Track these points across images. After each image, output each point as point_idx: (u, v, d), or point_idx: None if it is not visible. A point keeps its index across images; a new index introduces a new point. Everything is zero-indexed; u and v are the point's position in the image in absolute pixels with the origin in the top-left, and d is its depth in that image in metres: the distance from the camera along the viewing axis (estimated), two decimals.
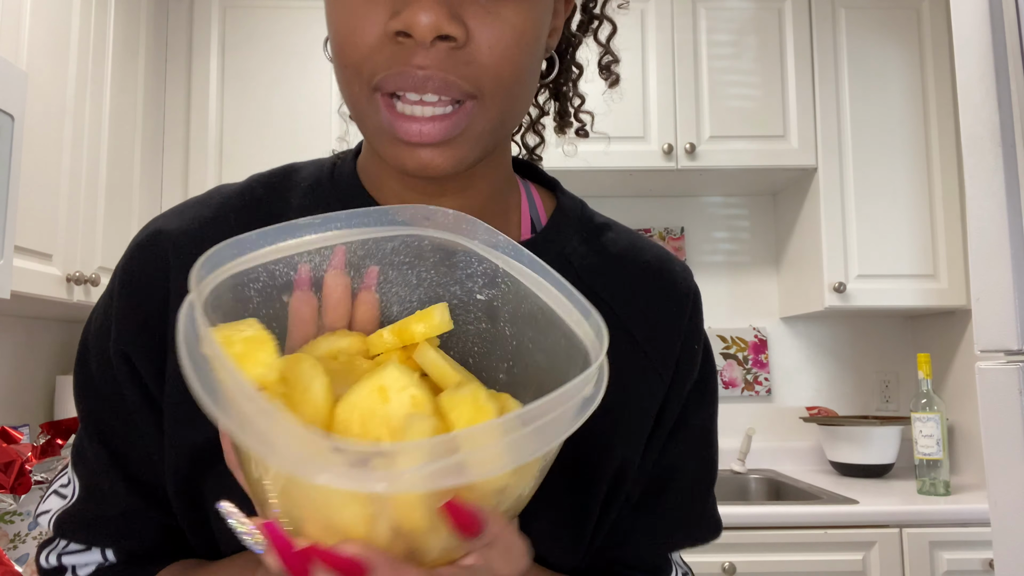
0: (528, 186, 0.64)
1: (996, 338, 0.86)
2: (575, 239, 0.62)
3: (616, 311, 0.58)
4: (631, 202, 2.52)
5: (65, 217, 1.55)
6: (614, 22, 0.66)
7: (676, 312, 0.61)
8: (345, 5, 0.47)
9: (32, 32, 1.44)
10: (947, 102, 2.19)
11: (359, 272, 0.44)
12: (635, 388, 0.58)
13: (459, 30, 0.45)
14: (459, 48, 0.45)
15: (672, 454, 0.61)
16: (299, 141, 2.12)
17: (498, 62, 0.47)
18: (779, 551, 1.73)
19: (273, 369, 0.35)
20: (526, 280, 0.43)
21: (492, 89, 0.47)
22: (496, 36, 0.46)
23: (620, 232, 0.66)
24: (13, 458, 1.14)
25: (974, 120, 0.89)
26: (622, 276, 0.61)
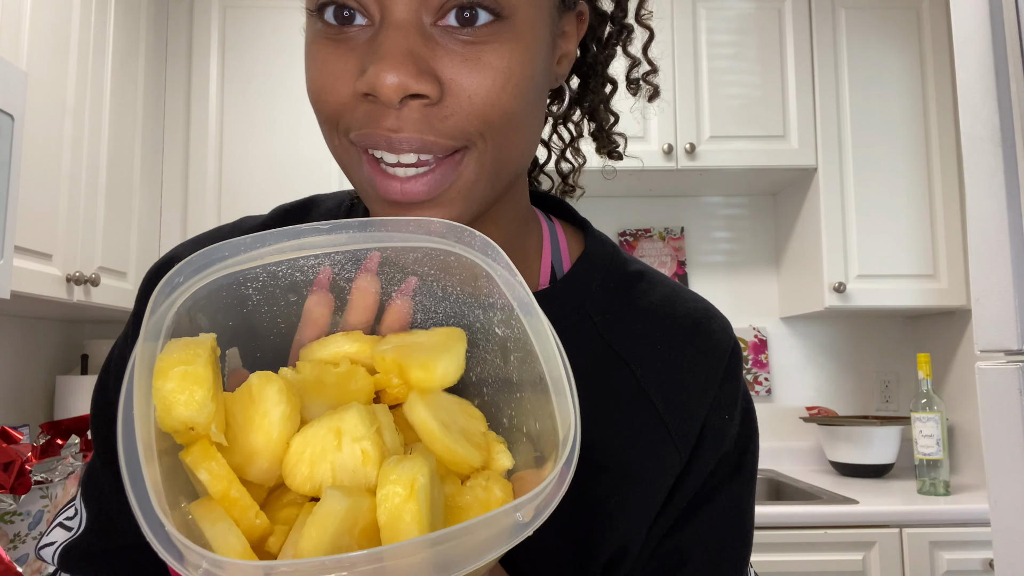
0: (554, 226, 0.59)
1: (996, 338, 0.86)
2: (599, 290, 0.55)
3: (636, 374, 0.53)
4: (631, 202, 2.52)
5: (65, 217, 1.55)
6: (650, 28, 0.63)
7: (706, 379, 0.54)
8: (317, 59, 0.45)
9: (32, 32, 1.44)
10: (947, 102, 2.19)
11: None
12: (648, 462, 0.52)
13: (429, 87, 0.41)
14: (434, 104, 0.42)
15: (693, 532, 0.55)
16: (299, 141, 2.12)
17: (484, 110, 0.43)
18: (779, 551, 1.73)
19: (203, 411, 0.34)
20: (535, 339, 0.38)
21: (481, 138, 0.43)
22: (478, 84, 0.42)
23: (655, 283, 0.58)
24: (13, 458, 1.14)
25: (974, 120, 0.89)
26: (649, 334, 0.54)
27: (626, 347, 0.53)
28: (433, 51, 0.42)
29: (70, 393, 1.95)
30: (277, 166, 2.11)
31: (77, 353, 2.29)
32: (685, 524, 0.54)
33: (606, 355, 0.52)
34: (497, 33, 0.42)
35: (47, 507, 1.26)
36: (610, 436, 0.51)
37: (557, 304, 0.52)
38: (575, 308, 0.54)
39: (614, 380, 0.52)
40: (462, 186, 0.44)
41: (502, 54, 0.43)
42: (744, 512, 0.59)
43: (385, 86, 0.40)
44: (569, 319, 0.53)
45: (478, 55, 0.42)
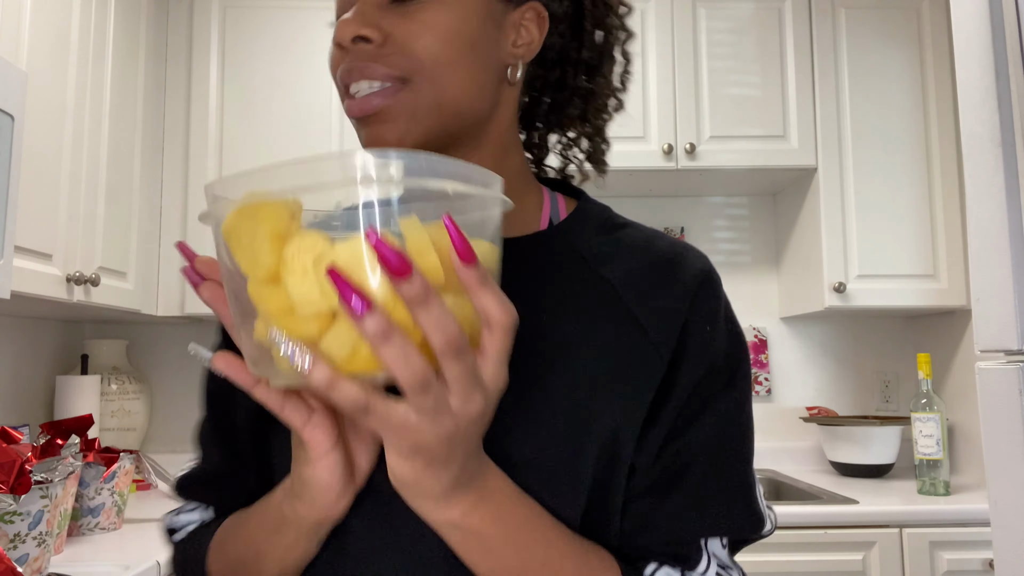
0: (555, 195, 0.71)
1: (996, 338, 0.86)
2: (591, 233, 0.66)
3: (621, 294, 0.62)
4: (631, 202, 2.52)
5: (65, 217, 1.55)
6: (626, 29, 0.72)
7: (681, 293, 0.62)
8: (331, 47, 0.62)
9: (32, 32, 1.44)
10: (947, 102, 2.19)
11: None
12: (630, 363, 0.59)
13: (372, 32, 0.57)
14: (380, 46, 0.57)
15: (693, 437, 0.61)
16: (299, 141, 2.12)
17: (415, 51, 0.56)
18: (779, 551, 1.73)
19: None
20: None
21: (417, 75, 0.57)
22: (413, 33, 0.57)
23: (639, 229, 0.69)
24: (13, 458, 1.14)
25: (974, 120, 0.89)
26: (631, 263, 0.63)
27: (611, 272, 0.63)
28: (384, 14, 0.58)
29: (70, 393, 1.96)
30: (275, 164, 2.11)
31: (77, 353, 2.29)
32: (685, 430, 0.61)
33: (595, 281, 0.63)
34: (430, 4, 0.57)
35: (47, 507, 1.26)
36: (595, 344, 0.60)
37: (552, 242, 0.65)
38: (567, 244, 0.65)
39: (599, 298, 0.62)
40: (402, 108, 0.57)
41: (437, 13, 0.57)
42: (743, 420, 0.67)
43: (340, 33, 0.58)
44: (563, 256, 0.64)
45: (413, 14, 0.57)
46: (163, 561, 1.37)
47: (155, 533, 1.56)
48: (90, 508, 1.56)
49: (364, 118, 0.58)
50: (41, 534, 1.25)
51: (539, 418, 0.57)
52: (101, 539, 1.52)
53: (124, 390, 2.15)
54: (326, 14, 2.17)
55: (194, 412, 2.37)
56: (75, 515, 1.55)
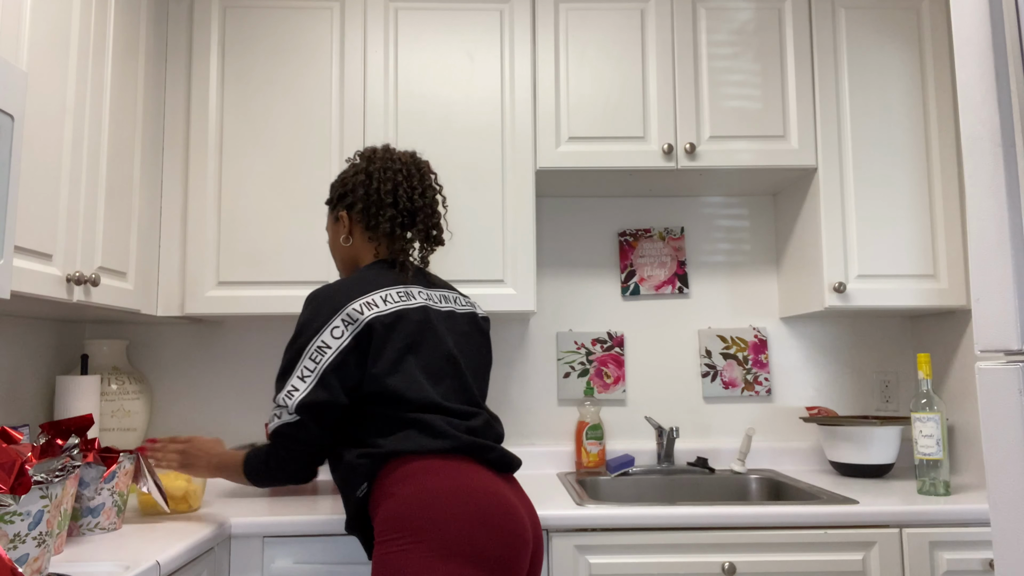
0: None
1: (996, 338, 0.86)
2: None
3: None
4: (631, 202, 2.52)
5: (65, 217, 1.55)
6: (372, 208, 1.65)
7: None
8: None
9: (32, 32, 1.44)
10: (947, 102, 2.19)
11: None
12: None
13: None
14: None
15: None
16: (299, 141, 2.12)
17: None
18: (779, 551, 1.73)
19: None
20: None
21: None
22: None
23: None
24: (13, 458, 1.14)
25: (974, 120, 0.89)
26: None
27: None
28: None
29: (70, 393, 1.96)
30: (277, 166, 2.11)
31: (77, 353, 2.29)
32: None
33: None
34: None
35: (47, 507, 1.26)
36: None
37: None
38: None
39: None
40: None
41: (329, 244, 1.75)
42: (282, 358, 1.58)
43: None
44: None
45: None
46: (163, 561, 1.37)
47: (155, 533, 1.56)
48: (90, 508, 1.56)
49: None
50: (41, 534, 1.25)
51: None
52: (101, 539, 1.52)
53: (124, 390, 2.15)
54: (326, 14, 2.17)
55: (194, 412, 2.37)
56: (75, 515, 1.55)
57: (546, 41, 2.19)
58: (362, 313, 1.45)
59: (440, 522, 1.29)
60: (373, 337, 1.45)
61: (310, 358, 1.43)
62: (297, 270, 2.09)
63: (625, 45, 2.21)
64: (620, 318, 2.48)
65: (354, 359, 1.44)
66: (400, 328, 1.47)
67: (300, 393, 1.41)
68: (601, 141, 2.17)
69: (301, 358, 1.44)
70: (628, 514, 1.73)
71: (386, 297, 1.49)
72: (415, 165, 1.65)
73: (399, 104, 2.15)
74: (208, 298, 2.07)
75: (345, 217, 1.65)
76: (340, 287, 1.50)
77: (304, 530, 1.69)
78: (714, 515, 1.74)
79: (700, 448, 2.41)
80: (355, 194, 1.62)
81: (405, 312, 1.49)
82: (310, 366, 1.42)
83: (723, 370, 2.45)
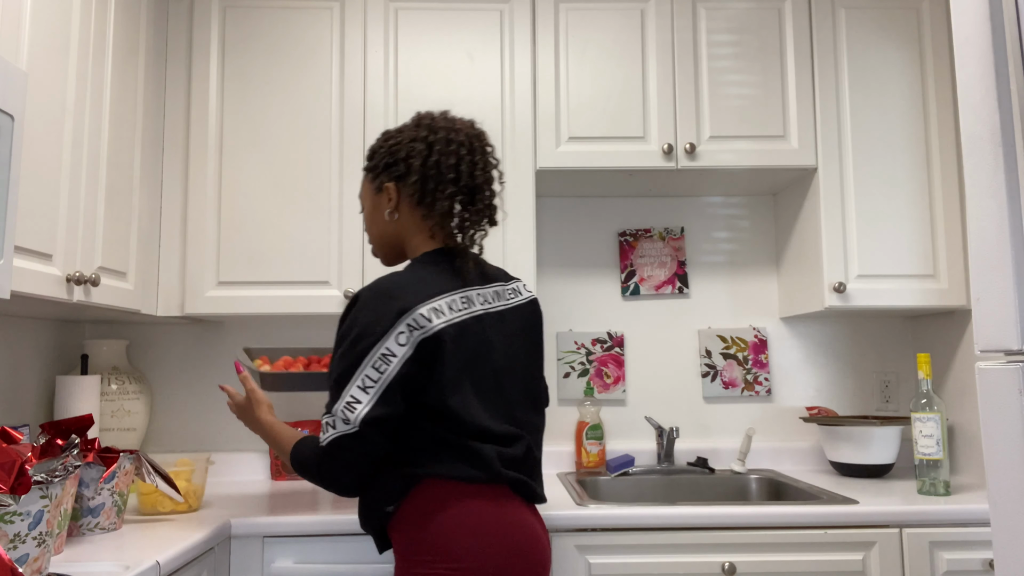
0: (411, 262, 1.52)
1: (996, 338, 0.86)
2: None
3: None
4: (631, 202, 2.52)
5: (65, 217, 1.55)
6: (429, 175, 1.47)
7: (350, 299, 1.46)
8: None
9: (32, 32, 1.44)
10: (947, 102, 2.19)
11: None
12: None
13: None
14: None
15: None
16: (299, 141, 2.12)
17: (367, 234, 1.57)
18: (779, 551, 1.73)
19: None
20: None
21: (370, 241, 1.56)
22: (365, 227, 1.56)
23: (386, 276, 1.40)
24: (13, 458, 1.14)
25: (974, 120, 0.89)
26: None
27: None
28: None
29: (70, 393, 1.96)
30: (277, 166, 2.11)
31: (77, 353, 2.29)
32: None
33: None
34: (363, 214, 1.56)
35: (47, 507, 1.26)
36: None
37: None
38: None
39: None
40: (374, 253, 1.57)
41: (363, 218, 1.57)
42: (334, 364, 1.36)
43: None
44: None
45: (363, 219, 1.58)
46: (163, 561, 1.37)
47: (155, 533, 1.56)
48: (90, 508, 1.56)
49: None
50: (41, 534, 1.25)
51: None
52: (101, 539, 1.52)
53: (124, 390, 2.15)
54: (326, 14, 2.17)
55: (194, 412, 2.37)
56: (75, 515, 1.55)
57: (546, 41, 2.19)
58: (430, 321, 1.31)
59: (478, 551, 1.28)
60: (440, 350, 1.32)
61: (373, 367, 1.28)
62: (297, 270, 2.09)
63: (625, 45, 2.21)
64: (620, 318, 2.48)
65: (415, 370, 1.31)
66: (462, 343, 1.35)
67: (363, 406, 1.28)
68: (601, 141, 2.17)
69: (362, 365, 1.29)
70: (628, 514, 1.73)
71: (451, 304, 1.36)
72: (477, 137, 1.47)
73: (399, 104, 2.15)
74: (208, 298, 2.07)
75: (392, 189, 1.45)
76: (402, 285, 1.35)
77: (304, 530, 1.69)
78: (714, 515, 1.74)
79: (700, 448, 2.41)
80: (409, 165, 1.43)
81: (467, 324, 1.37)
82: (373, 375, 1.28)
83: (723, 370, 2.45)
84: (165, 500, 1.76)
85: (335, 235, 2.10)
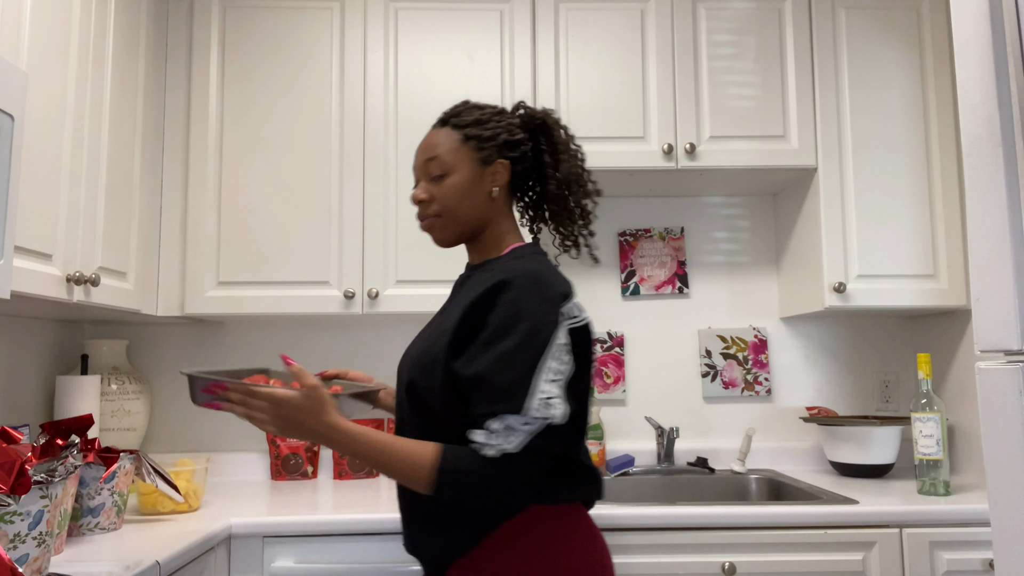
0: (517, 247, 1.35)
1: (996, 338, 0.86)
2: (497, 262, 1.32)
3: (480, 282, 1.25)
4: (631, 202, 2.52)
5: (65, 217, 1.55)
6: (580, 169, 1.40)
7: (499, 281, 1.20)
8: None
9: (32, 32, 1.44)
10: (947, 102, 2.19)
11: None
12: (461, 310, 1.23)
13: (427, 196, 1.32)
14: (427, 202, 1.31)
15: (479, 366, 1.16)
16: (299, 141, 2.12)
17: (442, 203, 1.31)
18: (779, 551, 1.73)
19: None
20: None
21: (443, 212, 1.31)
22: (441, 195, 1.31)
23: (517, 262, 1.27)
24: (13, 458, 1.14)
25: (974, 120, 0.89)
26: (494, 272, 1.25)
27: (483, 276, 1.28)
28: (429, 187, 1.32)
29: (70, 393, 1.96)
30: (277, 165, 2.11)
31: (77, 353, 2.29)
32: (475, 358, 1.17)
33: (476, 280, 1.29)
34: (445, 178, 1.31)
35: (47, 507, 1.26)
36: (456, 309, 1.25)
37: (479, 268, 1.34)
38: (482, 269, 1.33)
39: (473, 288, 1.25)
40: (437, 226, 1.32)
41: (447, 184, 1.31)
42: (515, 353, 1.14)
43: (413, 198, 1.33)
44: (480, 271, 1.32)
45: (440, 186, 1.31)
46: (163, 561, 1.37)
47: (155, 533, 1.56)
48: (90, 508, 1.56)
49: (425, 232, 1.53)
50: (41, 534, 1.25)
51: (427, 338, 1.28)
52: (101, 539, 1.52)
53: (124, 390, 2.15)
54: (326, 14, 2.17)
55: (194, 412, 2.37)
56: (75, 515, 1.55)
57: (546, 41, 2.19)
58: (582, 312, 1.22)
59: None
60: (587, 346, 1.21)
61: (555, 359, 1.14)
62: (297, 270, 2.09)
63: (625, 45, 2.21)
64: (620, 318, 2.48)
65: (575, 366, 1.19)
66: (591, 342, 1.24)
67: (560, 401, 1.13)
68: (601, 141, 2.17)
69: (544, 358, 1.13)
70: (628, 514, 1.73)
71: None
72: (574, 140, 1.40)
73: (399, 104, 2.15)
74: (208, 298, 2.07)
75: (505, 169, 1.32)
76: (550, 272, 1.23)
77: (304, 530, 1.69)
78: (714, 515, 1.74)
79: (700, 448, 2.41)
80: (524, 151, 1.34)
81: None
82: (558, 368, 1.15)
83: (723, 370, 2.45)
84: (165, 500, 1.76)
85: (335, 235, 2.10)
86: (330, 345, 2.41)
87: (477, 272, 1.31)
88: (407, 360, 1.28)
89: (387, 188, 2.12)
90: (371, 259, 2.10)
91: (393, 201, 2.12)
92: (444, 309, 1.34)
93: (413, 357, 1.26)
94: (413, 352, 1.27)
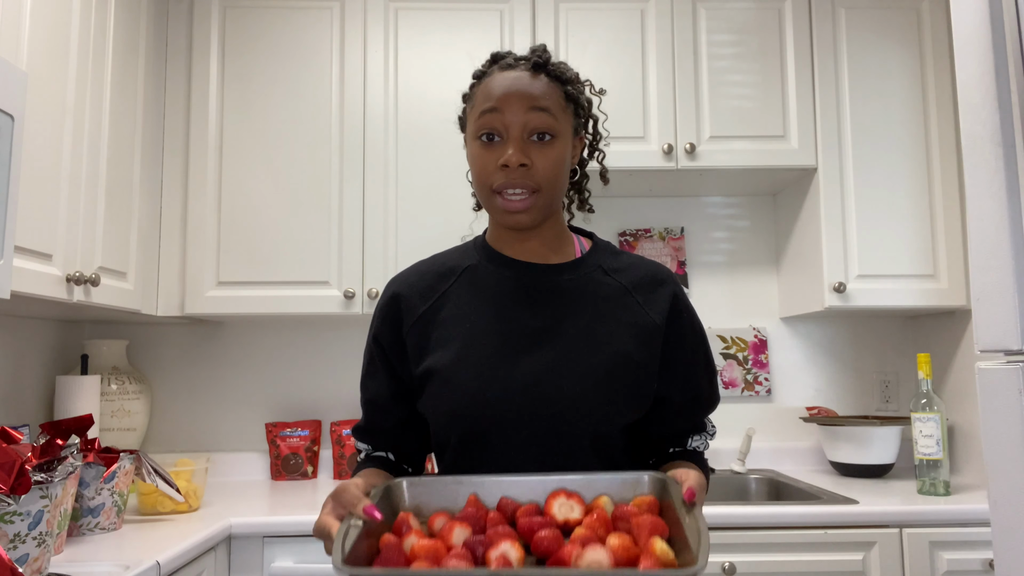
0: (579, 237, 1.14)
1: (996, 338, 0.86)
2: (603, 256, 1.11)
3: (627, 288, 1.07)
4: (631, 202, 2.52)
5: (65, 217, 1.55)
6: (603, 152, 1.17)
7: (668, 294, 1.07)
8: (479, 156, 1.02)
9: (32, 32, 1.44)
10: (947, 102, 2.19)
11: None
12: (645, 330, 1.04)
13: (528, 160, 0.99)
14: (529, 168, 0.99)
15: (681, 381, 1.06)
16: (299, 141, 2.12)
17: (546, 175, 1.00)
18: (779, 551, 1.73)
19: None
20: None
21: (544, 187, 1.00)
22: (545, 163, 1.00)
23: (631, 255, 1.13)
24: (13, 458, 1.14)
25: (974, 120, 0.89)
26: (635, 275, 1.09)
27: (623, 279, 1.08)
28: (528, 148, 1.00)
29: (70, 393, 1.96)
30: (277, 165, 2.11)
31: (77, 353, 2.29)
32: (689, 368, 1.06)
33: (611, 283, 1.07)
34: (552, 142, 1.01)
35: (47, 507, 1.26)
36: (619, 320, 1.03)
37: (583, 264, 1.08)
38: (596, 265, 1.09)
39: (615, 293, 1.06)
40: (536, 207, 1.01)
41: (555, 150, 1.01)
42: (710, 366, 1.09)
43: (512, 159, 0.98)
44: (592, 270, 1.08)
45: (545, 150, 1.00)
46: (163, 561, 1.37)
47: (155, 533, 1.56)
48: (90, 508, 1.56)
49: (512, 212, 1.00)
50: (41, 534, 1.25)
51: (591, 362, 0.99)
52: (101, 539, 1.52)
53: (124, 390, 2.15)
54: (326, 14, 2.17)
55: (194, 412, 2.37)
56: (75, 515, 1.55)
57: (546, 41, 2.19)
58: None
59: None
60: None
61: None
62: (297, 270, 2.09)
63: (625, 45, 2.21)
64: None
65: None
66: None
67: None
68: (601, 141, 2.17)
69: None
70: None
71: None
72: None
73: (399, 104, 2.15)
74: (208, 298, 2.07)
75: (582, 144, 1.12)
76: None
77: (304, 530, 1.69)
78: (714, 515, 1.74)
79: None
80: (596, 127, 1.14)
81: None
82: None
83: (723, 370, 2.45)
84: (165, 500, 1.76)
85: (335, 235, 2.10)
86: (330, 345, 2.41)
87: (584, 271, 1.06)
88: (580, 406, 0.97)
89: (387, 188, 2.12)
90: (371, 259, 2.10)
91: (393, 201, 2.12)
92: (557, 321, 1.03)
93: (595, 402, 0.97)
94: (582, 397, 0.97)
